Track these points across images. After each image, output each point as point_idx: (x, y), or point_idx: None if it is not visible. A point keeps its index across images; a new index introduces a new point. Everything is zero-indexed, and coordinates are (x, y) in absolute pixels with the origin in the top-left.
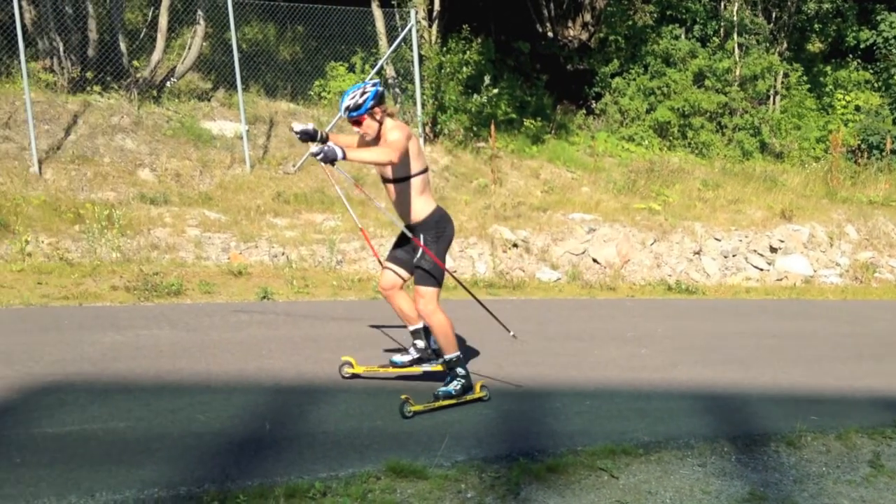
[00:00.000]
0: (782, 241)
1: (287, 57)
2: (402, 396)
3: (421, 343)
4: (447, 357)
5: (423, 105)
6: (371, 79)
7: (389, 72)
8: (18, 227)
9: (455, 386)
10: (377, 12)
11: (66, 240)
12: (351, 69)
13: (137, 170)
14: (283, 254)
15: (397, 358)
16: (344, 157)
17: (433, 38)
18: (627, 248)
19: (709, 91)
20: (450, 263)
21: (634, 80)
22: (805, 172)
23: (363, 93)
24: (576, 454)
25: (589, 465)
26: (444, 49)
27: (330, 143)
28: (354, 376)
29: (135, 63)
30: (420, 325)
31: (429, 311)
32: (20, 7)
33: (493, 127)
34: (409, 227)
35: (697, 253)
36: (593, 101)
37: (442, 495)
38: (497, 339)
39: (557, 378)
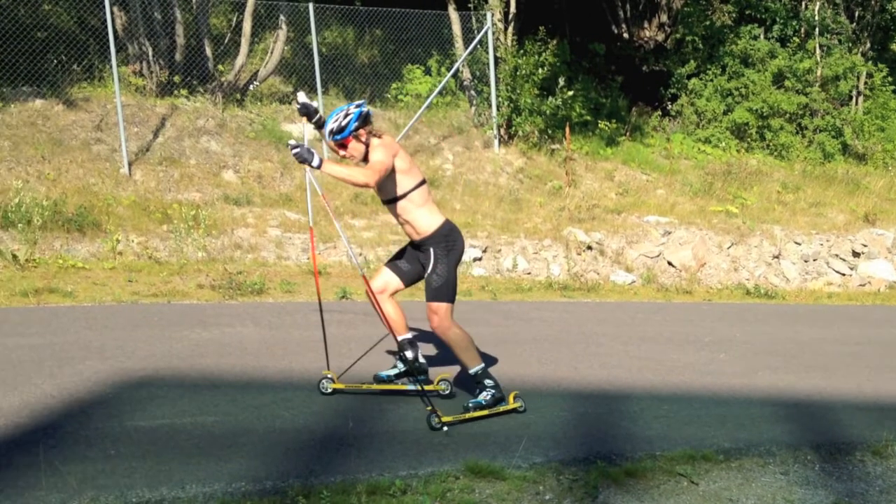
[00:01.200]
0: (865, 246)
1: (365, 60)
2: (428, 408)
3: (409, 353)
4: (472, 371)
5: (498, 107)
6: (441, 81)
7: (465, 74)
8: (110, 226)
9: (485, 396)
10: (454, 15)
11: (154, 239)
12: (427, 72)
13: (221, 171)
14: (360, 254)
15: (382, 373)
16: (319, 167)
17: (509, 40)
18: (704, 252)
19: (789, 92)
20: (523, 265)
21: (711, 81)
22: (889, 175)
23: (346, 115)
24: (654, 459)
25: (668, 470)
26: (520, 51)
27: (310, 149)
28: (336, 391)
29: (219, 67)
30: (409, 335)
31: (444, 328)
32: (112, 13)
33: (567, 129)
34: (418, 243)
35: (777, 257)
36: (669, 103)
37: (520, 496)
38: (573, 340)
39: (634, 381)
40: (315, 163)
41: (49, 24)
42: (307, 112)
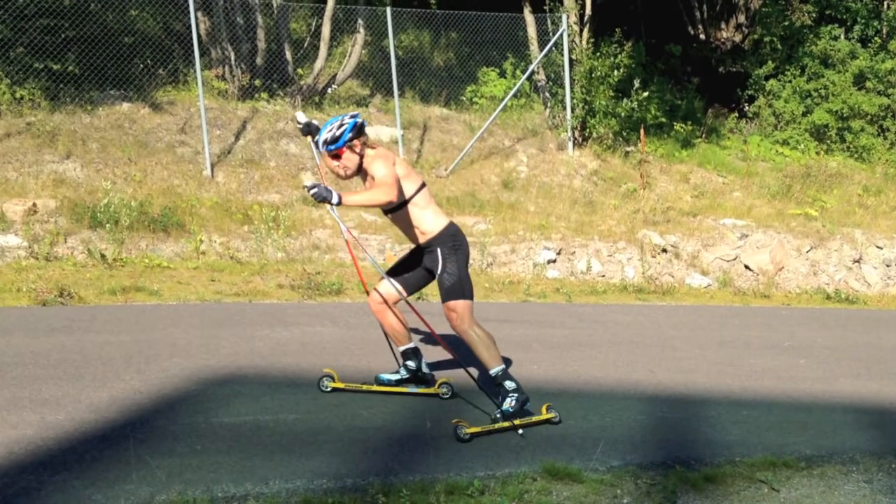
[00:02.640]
0: None
1: (441, 63)
2: (454, 421)
3: (412, 364)
4: (492, 372)
5: (573, 109)
6: (517, 83)
7: (540, 76)
8: (193, 226)
9: (510, 403)
10: (529, 18)
11: (235, 239)
12: (502, 74)
13: (300, 173)
14: None
15: (384, 376)
16: (339, 203)
17: (584, 42)
18: (782, 255)
19: (870, 93)
20: (598, 267)
21: (790, 82)
22: None
23: (340, 125)
24: (734, 465)
25: (748, 476)
26: (595, 53)
27: (327, 187)
28: (336, 390)
29: (299, 71)
30: (411, 344)
31: (464, 328)
32: (196, 18)
33: (642, 131)
34: (424, 245)
35: (857, 261)
36: (746, 105)
37: (598, 499)
38: (649, 343)
39: (712, 386)
40: (334, 200)
41: (136, 30)
42: (309, 131)
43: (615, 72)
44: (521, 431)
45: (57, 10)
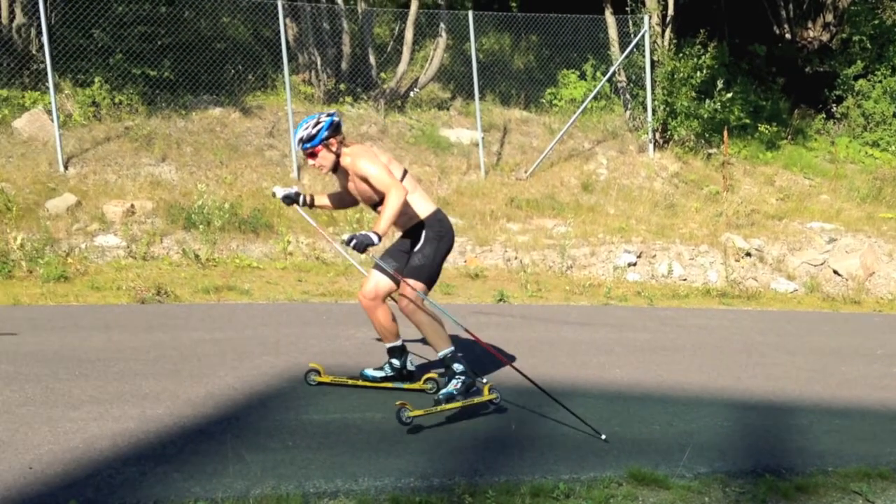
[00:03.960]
0: None
1: (521, 66)
2: (398, 403)
3: (397, 361)
4: (440, 354)
5: (654, 111)
6: (599, 85)
7: (621, 78)
8: (281, 228)
9: (455, 385)
10: (610, 19)
11: (321, 241)
12: (582, 76)
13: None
14: (516, 258)
15: (369, 371)
16: (380, 240)
17: (666, 43)
18: (872, 260)
19: None
20: (679, 271)
21: (880, 82)
22: None
23: (317, 123)
24: (826, 475)
25: (841, 486)
26: (677, 54)
27: (363, 232)
28: (321, 384)
29: (382, 75)
30: (398, 342)
31: (413, 309)
32: (285, 25)
33: (725, 133)
34: (412, 228)
35: None
36: (834, 105)
37: None
38: (734, 349)
39: (801, 393)
40: (376, 241)
41: (227, 36)
42: (292, 200)
43: (698, 73)
44: (604, 436)
45: (154, 17)
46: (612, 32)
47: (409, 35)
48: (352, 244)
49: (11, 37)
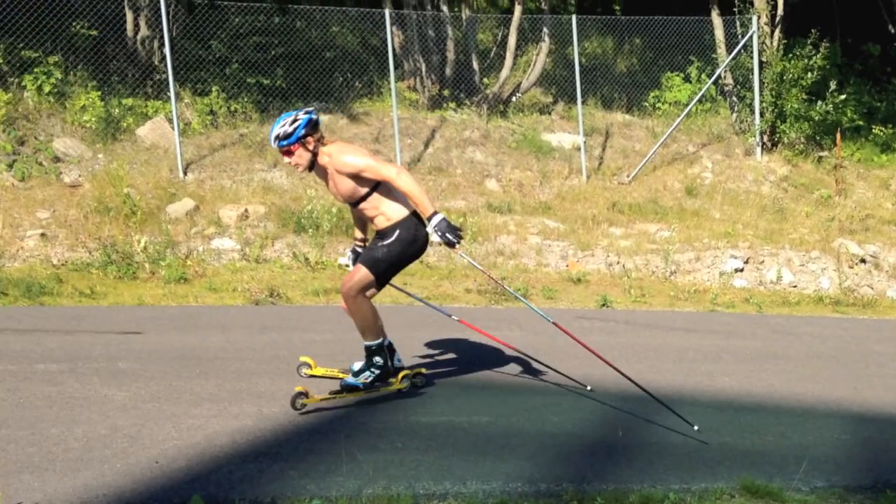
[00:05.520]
0: None
1: (623, 69)
2: (297, 388)
3: (380, 359)
4: (366, 343)
5: (762, 113)
6: (704, 87)
7: (727, 80)
8: None
9: (366, 377)
10: (716, 20)
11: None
12: (687, 79)
13: (485, 180)
14: (618, 262)
15: (356, 366)
16: (437, 213)
17: (775, 43)
18: None
19: None
20: (789, 277)
21: None
22: None
23: (294, 120)
24: None
25: None
26: (787, 55)
27: (433, 225)
28: (312, 377)
29: (485, 80)
30: (386, 342)
31: (353, 294)
32: (391, 33)
33: (838, 135)
34: (386, 229)
35: None
36: None
37: None
38: (850, 359)
39: None
40: (441, 217)
41: (337, 45)
42: (355, 257)
43: (808, 74)
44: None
45: (268, 28)
46: (719, 34)
47: (511, 40)
48: (440, 238)
49: (136, 49)
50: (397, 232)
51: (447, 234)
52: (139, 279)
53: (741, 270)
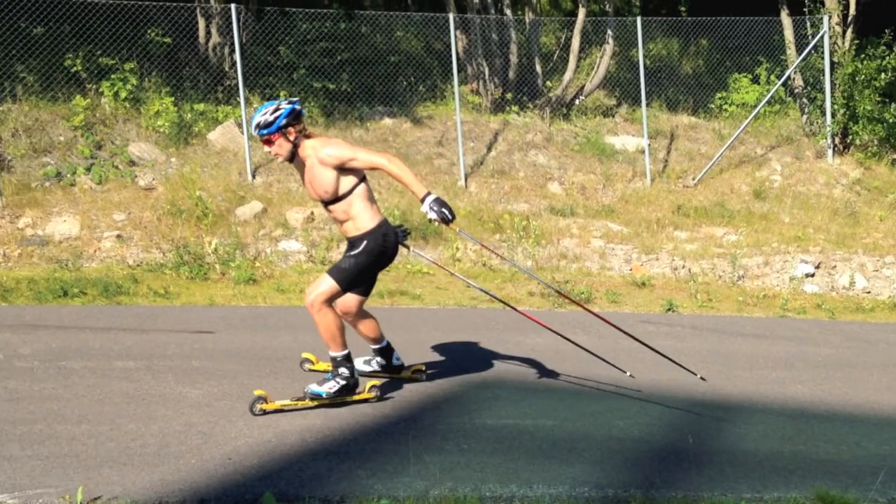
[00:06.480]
0: None
1: (689, 70)
2: (256, 392)
3: (381, 359)
4: (332, 355)
5: (833, 115)
6: (774, 88)
7: (797, 81)
8: (450, 234)
9: (330, 387)
10: (786, 21)
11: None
12: (755, 80)
13: (547, 183)
14: (683, 266)
15: (360, 365)
16: (430, 194)
17: (847, 43)
18: None
19: None
20: (862, 283)
21: None
22: None
23: (276, 109)
24: None
25: None
26: (860, 55)
27: (427, 204)
28: (313, 371)
29: (548, 83)
30: (384, 343)
31: (317, 306)
32: (455, 37)
33: None
34: (354, 239)
35: None
36: None
37: None
38: None
39: None
40: (433, 198)
41: (401, 50)
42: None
43: (882, 75)
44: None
45: (334, 34)
46: (789, 34)
47: (575, 43)
48: (437, 218)
49: (208, 55)
50: (364, 243)
51: (443, 210)
52: (210, 280)
53: (812, 275)
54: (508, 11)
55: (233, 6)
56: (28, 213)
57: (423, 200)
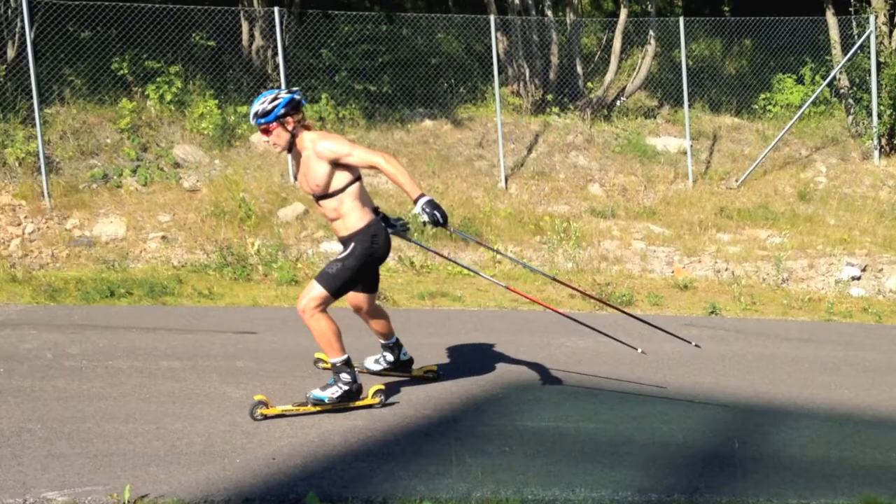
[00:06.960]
0: None
1: (732, 71)
2: (256, 397)
3: (390, 356)
4: (332, 361)
5: (880, 116)
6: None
7: (842, 81)
8: (490, 235)
9: (333, 392)
10: (831, 20)
11: (528, 249)
12: (799, 80)
13: (588, 185)
14: (726, 269)
15: (367, 362)
16: (424, 195)
17: (894, 44)
18: None
19: None
20: None
21: None
22: None
23: (274, 99)
24: None
25: None
26: None
27: (420, 206)
28: (325, 369)
29: (588, 84)
30: (393, 340)
31: (309, 312)
32: (496, 38)
33: None
34: (344, 239)
35: None
36: None
37: None
38: None
39: None
40: (427, 199)
41: (441, 52)
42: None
43: None
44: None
45: (375, 36)
46: (834, 34)
47: (616, 44)
48: (429, 220)
49: (251, 58)
50: (352, 245)
51: (435, 213)
52: (253, 281)
53: (858, 278)
54: (549, 12)
55: (276, 9)
56: (76, 214)
57: (416, 202)
